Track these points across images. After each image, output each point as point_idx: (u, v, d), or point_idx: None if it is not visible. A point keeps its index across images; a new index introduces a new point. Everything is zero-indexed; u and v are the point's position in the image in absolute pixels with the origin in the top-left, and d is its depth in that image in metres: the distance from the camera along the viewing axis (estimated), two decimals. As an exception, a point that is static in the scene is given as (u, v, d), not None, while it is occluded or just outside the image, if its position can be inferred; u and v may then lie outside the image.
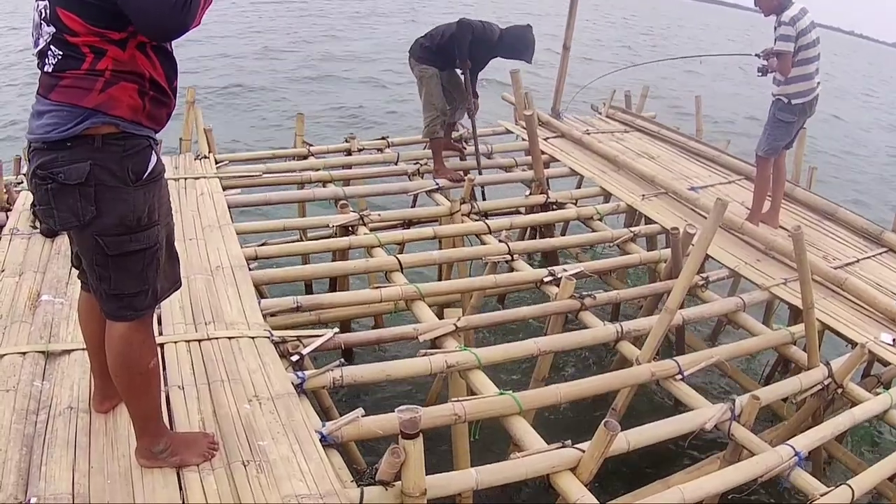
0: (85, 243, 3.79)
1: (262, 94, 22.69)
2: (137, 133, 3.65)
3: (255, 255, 7.35)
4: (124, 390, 4.21)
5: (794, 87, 8.46)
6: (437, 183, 9.57)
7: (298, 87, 24.21)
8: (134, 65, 3.54)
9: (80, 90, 3.46)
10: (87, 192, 3.56)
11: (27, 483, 4.17)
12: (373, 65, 28.55)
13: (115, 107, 3.52)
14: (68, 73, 3.46)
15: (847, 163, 23.70)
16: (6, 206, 7.74)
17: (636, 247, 8.74)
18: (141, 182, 3.70)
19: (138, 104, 3.61)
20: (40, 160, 3.56)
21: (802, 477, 5.32)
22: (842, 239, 9.20)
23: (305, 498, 4.25)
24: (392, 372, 5.84)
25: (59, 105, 3.49)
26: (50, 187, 3.57)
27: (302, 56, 29.13)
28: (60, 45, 3.43)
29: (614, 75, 12.92)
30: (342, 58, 29.47)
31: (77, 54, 3.43)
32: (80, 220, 3.63)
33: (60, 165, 3.52)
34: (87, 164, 3.52)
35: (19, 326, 5.68)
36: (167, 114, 3.84)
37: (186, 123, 9.83)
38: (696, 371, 6.29)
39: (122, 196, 3.64)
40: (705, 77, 32.21)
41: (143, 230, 3.79)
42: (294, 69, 26.66)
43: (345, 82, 25.52)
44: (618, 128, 12.55)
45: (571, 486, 4.79)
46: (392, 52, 27.45)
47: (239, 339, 5.77)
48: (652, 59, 13.21)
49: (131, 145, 3.63)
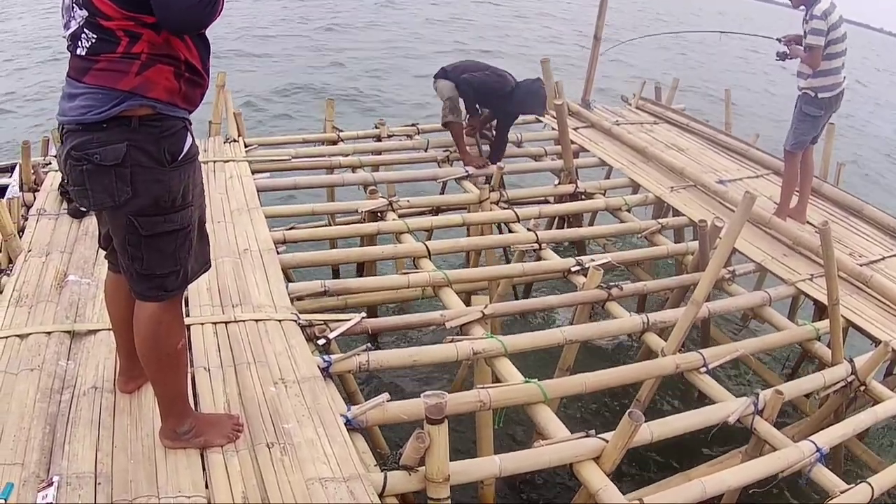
0: (118, 223, 3.81)
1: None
2: (173, 114, 3.68)
3: (284, 238, 7.37)
4: (151, 371, 4.24)
5: (821, 81, 8.39)
6: (466, 170, 9.57)
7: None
8: (169, 48, 3.55)
9: (116, 73, 3.48)
10: (123, 173, 3.58)
11: (50, 461, 4.22)
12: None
13: (151, 89, 3.54)
14: (103, 57, 3.47)
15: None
16: (34, 187, 7.79)
17: (664, 238, 8.73)
18: (176, 163, 3.73)
19: (174, 86, 3.63)
20: (75, 141, 3.58)
21: (823, 473, 5.30)
22: (868, 236, 9.13)
23: (329, 481, 4.28)
24: (419, 357, 5.85)
25: (94, 88, 3.50)
26: (85, 168, 3.59)
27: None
28: (94, 28, 3.44)
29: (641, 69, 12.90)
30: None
31: (112, 38, 3.44)
32: (115, 200, 3.65)
33: (96, 146, 3.54)
34: (123, 146, 3.54)
35: (45, 306, 5.74)
36: (201, 94, 3.86)
37: (216, 106, 9.84)
38: (720, 364, 6.29)
39: (157, 177, 3.66)
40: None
41: (177, 211, 3.82)
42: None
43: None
44: (647, 119, 12.49)
45: (594, 475, 4.80)
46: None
47: (266, 322, 5.80)
48: (673, 31, 13.01)
49: (167, 126, 3.66)
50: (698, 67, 31.57)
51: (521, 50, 29.00)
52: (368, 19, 33.60)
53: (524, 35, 34.59)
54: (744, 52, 35.61)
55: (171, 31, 3.51)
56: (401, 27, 33.14)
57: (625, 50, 18.31)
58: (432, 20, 36.05)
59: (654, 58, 29.20)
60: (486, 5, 43.75)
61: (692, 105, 15.70)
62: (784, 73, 8.41)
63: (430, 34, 31.45)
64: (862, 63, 44.52)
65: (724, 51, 33.68)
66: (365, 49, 27.30)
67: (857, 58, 34.99)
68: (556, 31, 36.79)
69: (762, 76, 31.84)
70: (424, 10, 39.19)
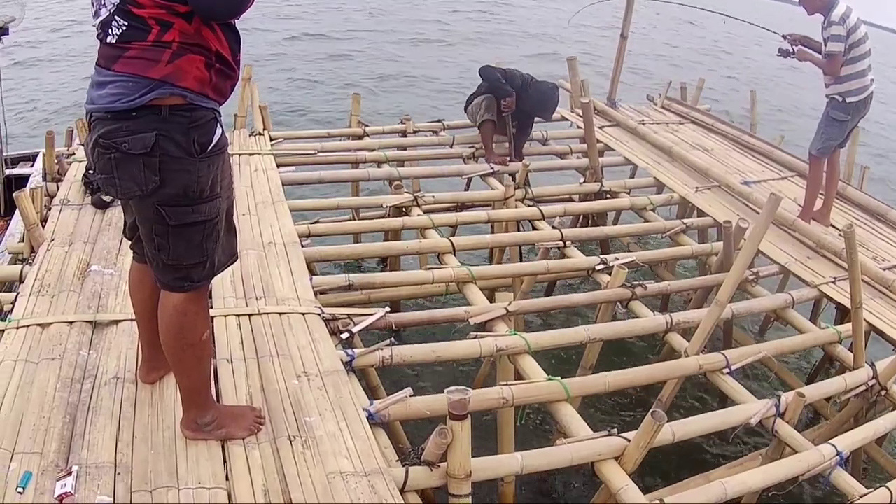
0: (146, 213, 3.82)
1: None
2: (204, 105, 3.68)
3: (308, 232, 7.39)
4: (175, 361, 4.25)
5: (848, 86, 8.33)
6: (492, 167, 9.59)
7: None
8: (200, 38, 3.56)
9: (147, 61, 3.48)
10: (152, 163, 3.59)
11: (69, 451, 4.24)
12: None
13: (182, 78, 3.54)
14: (134, 45, 3.47)
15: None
16: (57, 177, 7.82)
17: (688, 238, 8.71)
18: (206, 154, 3.73)
19: (205, 76, 3.63)
20: (103, 129, 3.59)
21: (843, 477, 5.27)
22: (892, 240, 9.06)
23: (350, 475, 4.29)
24: (442, 353, 5.86)
25: (125, 76, 3.50)
26: (113, 156, 3.60)
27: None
28: (125, 15, 3.44)
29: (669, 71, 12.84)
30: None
31: (143, 26, 3.44)
32: (143, 189, 3.66)
33: (125, 135, 3.54)
34: (152, 135, 3.54)
35: (67, 296, 5.76)
36: (231, 86, 3.87)
37: (242, 100, 9.87)
38: (743, 365, 6.27)
39: (186, 167, 3.67)
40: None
41: (206, 202, 3.82)
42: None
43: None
44: (672, 119, 12.45)
45: (615, 474, 4.79)
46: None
47: (289, 315, 5.81)
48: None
49: (198, 117, 3.66)
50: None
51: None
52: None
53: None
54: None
55: (204, 17, 3.51)
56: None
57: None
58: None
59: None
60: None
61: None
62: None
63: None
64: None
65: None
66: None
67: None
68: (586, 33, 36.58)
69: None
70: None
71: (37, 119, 16.42)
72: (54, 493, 3.89)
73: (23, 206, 6.37)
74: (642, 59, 26.74)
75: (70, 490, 3.91)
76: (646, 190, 10.14)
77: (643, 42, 29.10)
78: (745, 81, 26.79)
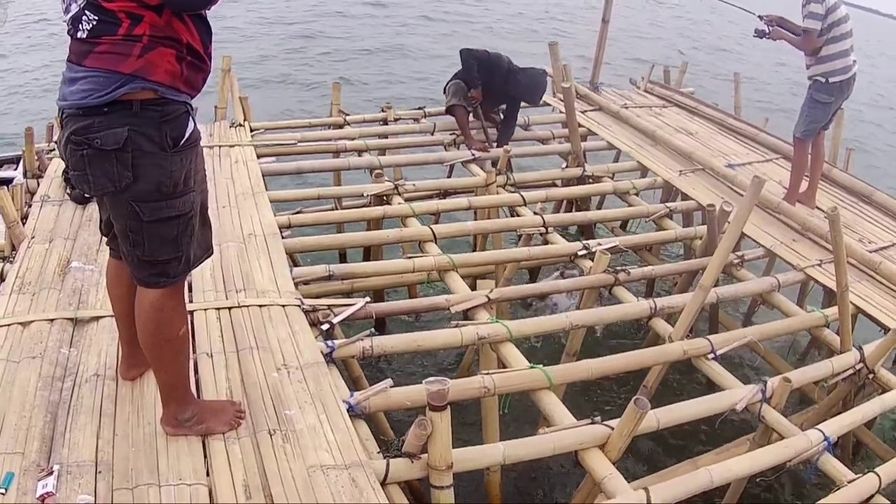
0: (119, 209, 3.78)
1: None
2: (175, 99, 3.65)
3: (289, 223, 7.35)
4: (153, 357, 4.22)
5: (831, 65, 8.32)
6: (473, 154, 9.55)
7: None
8: (170, 30, 3.52)
9: (118, 56, 3.44)
10: (124, 158, 3.56)
11: (51, 450, 4.21)
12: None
13: (153, 72, 3.51)
14: (104, 39, 3.43)
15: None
16: (38, 174, 7.77)
17: (672, 223, 8.70)
18: (178, 148, 3.70)
19: (176, 69, 3.60)
20: (75, 126, 3.55)
21: (831, 463, 5.26)
22: (878, 222, 9.08)
23: (330, 468, 4.26)
24: (423, 342, 5.83)
25: (95, 71, 3.46)
26: (85, 153, 3.56)
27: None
28: (95, 10, 3.40)
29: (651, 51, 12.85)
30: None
31: (113, 20, 3.40)
32: (115, 185, 3.62)
33: (97, 131, 3.51)
34: (124, 130, 3.51)
35: (48, 293, 5.72)
36: (203, 79, 3.83)
37: (222, 91, 9.83)
38: (728, 350, 6.25)
39: (159, 162, 3.64)
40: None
41: (179, 196, 3.79)
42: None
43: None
44: (656, 102, 12.46)
45: (599, 463, 4.77)
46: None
47: (269, 308, 5.78)
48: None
49: (169, 111, 3.63)
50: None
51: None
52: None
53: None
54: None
55: (175, 9, 3.48)
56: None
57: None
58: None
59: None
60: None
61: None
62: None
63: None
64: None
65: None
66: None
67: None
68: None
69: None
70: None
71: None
72: (36, 493, 3.86)
73: (2, 203, 6.32)
74: (627, 42, 26.75)
75: (52, 490, 3.88)
76: (629, 174, 10.16)
77: (626, 25, 29.08)
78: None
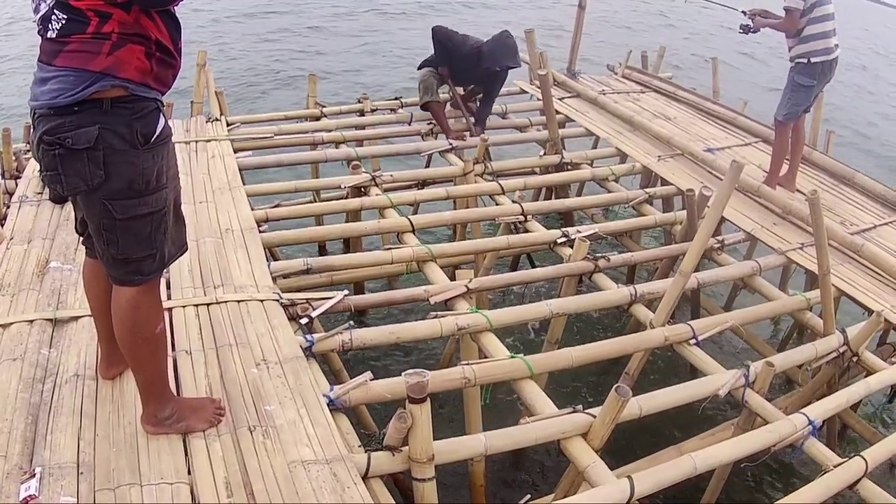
0: (93, 208, 3.77)
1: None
2: (145, 95, 3.65)
3: (266, 217, 7.30)
4: (130, 356, 4.21)
5: (813, 45, 8.31)
6: (450, 143, 9.52)
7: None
8: (139, 27, 3.52)
9: (87, 54, 3.45)
10: (96, 157, 3.55)
11: (32, 452, 4.19)
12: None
13: (123, 69, 3.51)
14: (73, 38, 3.43)
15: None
16: (15, 174, 7.74)
17: (651, 208, 8.69)
18: (150, 145, 3.69)
19: (146, 66, 3.60)
20: (46, 126, 3.55)
21: (816, 447, 5.27)
22: (859, 204, 9.10)
23: (311, 463, 4.27)
24: (402, 334, 5.80)
25: (65, 70, 3.47)
26: (57, 153, 3.56)
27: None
28: (64, 9, 3.40)
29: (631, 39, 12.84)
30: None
31: (82, 18, 3.40)
32: (88, 184, 3.62)
33: (68, 130, 3.51)
34: (95, 129, 3.51)
35: (27, 294, 5.70)
36: (173, 75, 3.83)
37: (197, 86, 9.74)
38: (710, 336, 6.24)
39: (130, 159, 3.63)
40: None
41: (152, 193, 3.78)
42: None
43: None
44: (634, 88, 12.44)
45: (582, 452, 4.76)
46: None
47: (248, 303, 5.76)
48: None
49: (140, 108, 3.63)
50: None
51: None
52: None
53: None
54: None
55: (142, 5, 3.47)
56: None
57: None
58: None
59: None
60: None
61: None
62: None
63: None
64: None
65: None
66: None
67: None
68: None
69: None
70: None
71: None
72: (19, 497, 3.85)
73: (-20, 205, 6.30)
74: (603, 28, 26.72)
75: (34, 493, 3.88)
76: (608, 160, 10.11)
77: (602, 10, 29.00)
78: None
